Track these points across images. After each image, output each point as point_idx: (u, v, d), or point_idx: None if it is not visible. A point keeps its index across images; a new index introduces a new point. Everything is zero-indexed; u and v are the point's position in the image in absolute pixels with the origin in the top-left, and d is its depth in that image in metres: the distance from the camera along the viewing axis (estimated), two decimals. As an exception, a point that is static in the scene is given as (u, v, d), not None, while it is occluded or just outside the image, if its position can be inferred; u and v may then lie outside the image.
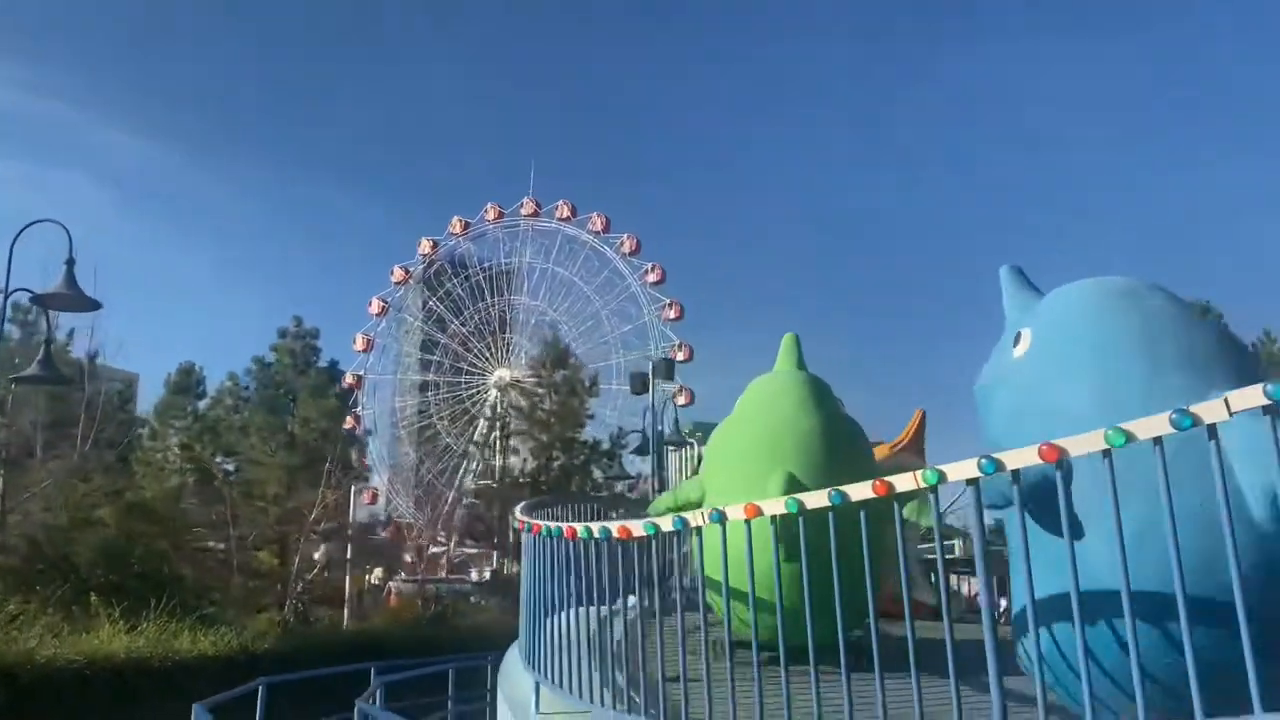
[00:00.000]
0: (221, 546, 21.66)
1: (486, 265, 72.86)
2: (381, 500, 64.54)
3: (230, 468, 22.74)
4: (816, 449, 8.89)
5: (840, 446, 9.02)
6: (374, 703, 10.85)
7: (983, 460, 4.50)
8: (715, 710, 5.80)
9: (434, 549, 63.14)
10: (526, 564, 9.31)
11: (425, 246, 72.91)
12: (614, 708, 6.81)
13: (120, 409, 23.21)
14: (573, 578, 8.42)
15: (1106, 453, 4.16)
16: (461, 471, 69.05)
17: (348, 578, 29.45)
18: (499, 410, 71.29)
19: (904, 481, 5.04)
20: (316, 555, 23.54)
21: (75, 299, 13.16)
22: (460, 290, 72.26)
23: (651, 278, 68.32)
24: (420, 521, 64.70)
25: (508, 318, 72.61)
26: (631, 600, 7.24)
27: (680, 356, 65.87)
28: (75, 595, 14.90)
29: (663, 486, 22.90)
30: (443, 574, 60.21)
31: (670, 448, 22.20)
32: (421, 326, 72.88)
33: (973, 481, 4.68)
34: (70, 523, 17.54)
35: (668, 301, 67.92)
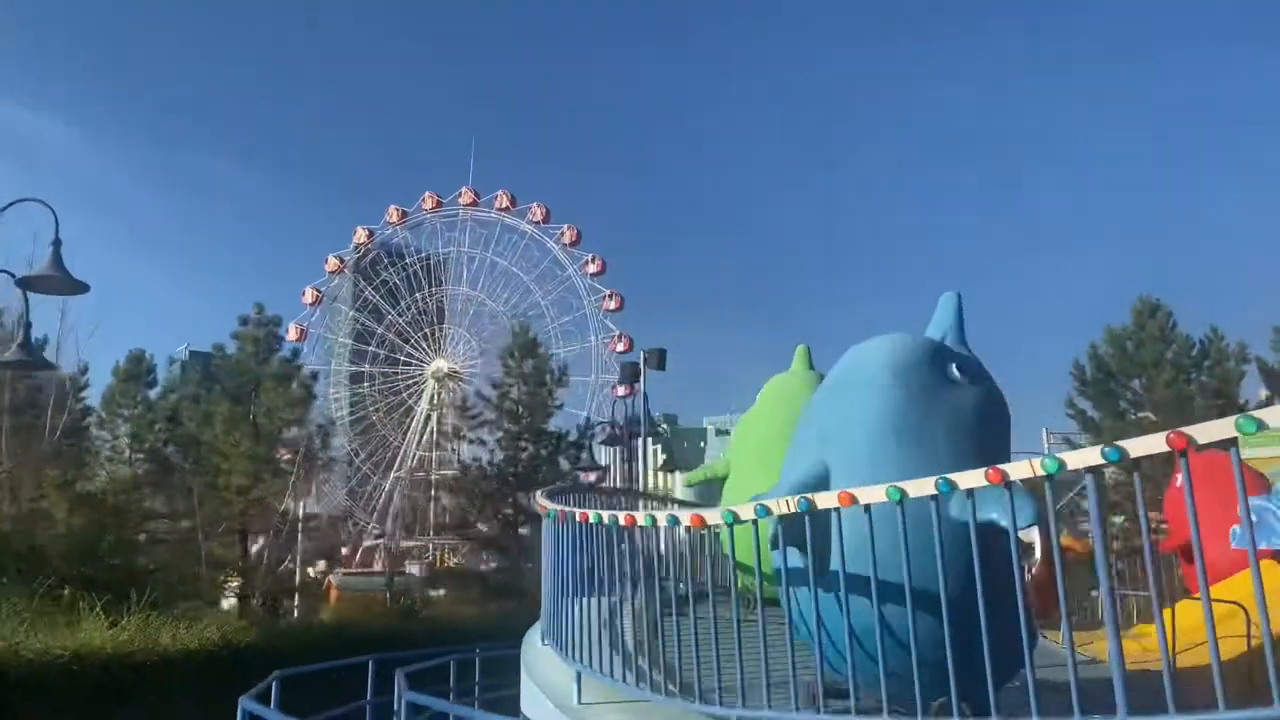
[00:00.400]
0: (176, 539, 21.10)
1: (424, 255, 71.90)
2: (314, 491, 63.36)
3: (189, 457, 22.10)
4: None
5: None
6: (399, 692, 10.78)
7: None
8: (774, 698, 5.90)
9: (369, 541, 62.35)
10: (558, 552, 9.29)
11: (361, 235, 71.64)
12: (668, 695, 6.76)
13: (73, 396, 22.44)
14: (622, 565, 8.45)
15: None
16: (398, 463, 68.26)
17: (297, 571, 28.92)
18: (436, 401, 70.53)
19: (1020, 470, 5.15)
20: (258, 547, 23.08)
21: (63, 281, 12.69)
22: (397, 280, 71.20)
23: (592, 269, 68.06)
24: (357, 512, 63.88)
25: (445, 308, 71.79)
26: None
27: (620, 348, 65.90)
28: (46, 588, 14.34)
29: (631, 478, 22.94)
30: (378, 566, 59.55)
31: (635, 438, 22.31)
32: (356, 316, 71.62)
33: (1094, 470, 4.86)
34: (33, 513, 16.94)
35: (608, 292, 67.72)
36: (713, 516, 6.45)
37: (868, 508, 5.41)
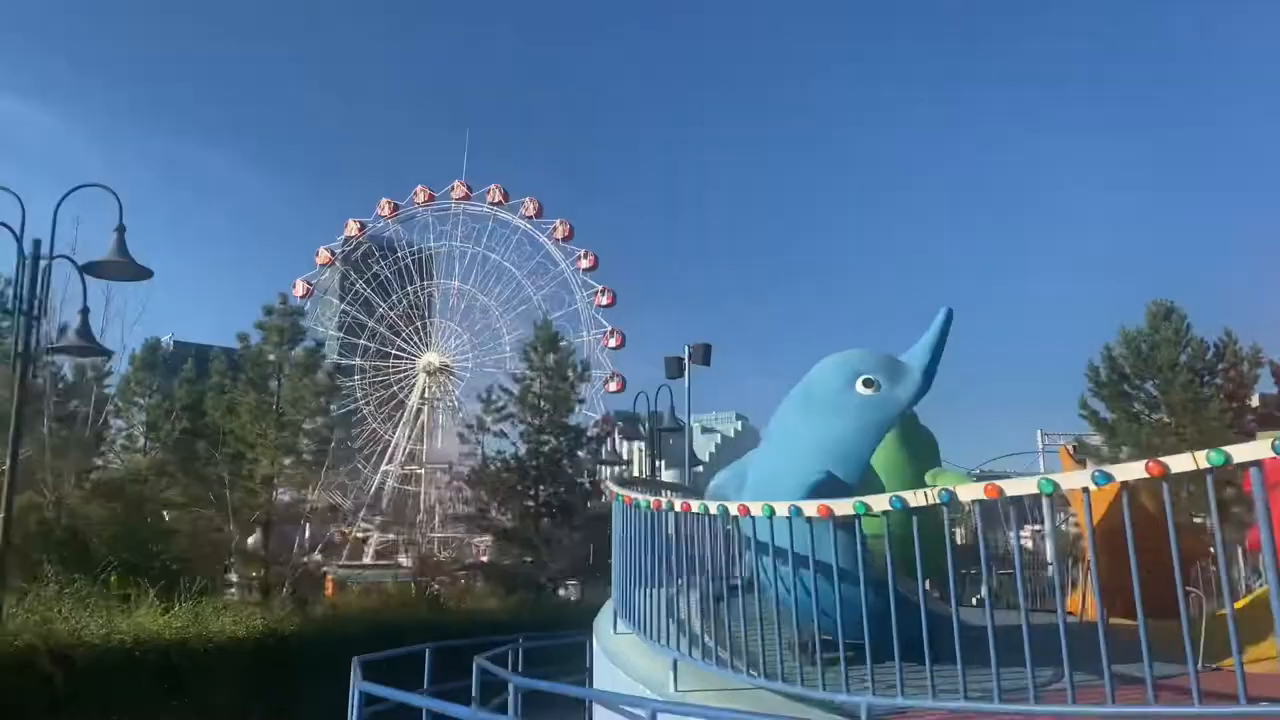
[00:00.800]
0: (198, 529, 21.04)
1: (415, 249, 71.67)
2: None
3: (216, 446, 22.02)
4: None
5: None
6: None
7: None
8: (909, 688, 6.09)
9: (356, 534, 62.12)
10: (652, 541, 9.38)
11: (352, 228, 71.33)
12: (785, 682, 6.86)
13: (96, 384, 22.31)
14: (722, 554, 8.58)
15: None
16: (388, 456, 68.07)
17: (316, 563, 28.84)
18: (427, 394, 70.38)
19: (1131, 471, 5.53)
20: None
21: (127, 267, 12.72)
22: (388, 273, 70.93)
23: (584, 263, 68.03)
24: (348, 505, 63.59)
25: (436, 302, 71.60)
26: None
27: (612, 343, 66.00)
28: (92, 576, 14.33)
29: (655, 473, 23.02)
30: (366, 559, 59.35)
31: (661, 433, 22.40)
32: (346, 309, 71.29)
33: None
34: (75, 501, 16.87)
35: (600, 288, 67.70)
36: (843, 508, 6.58)
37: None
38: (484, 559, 28.84)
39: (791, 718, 6.40)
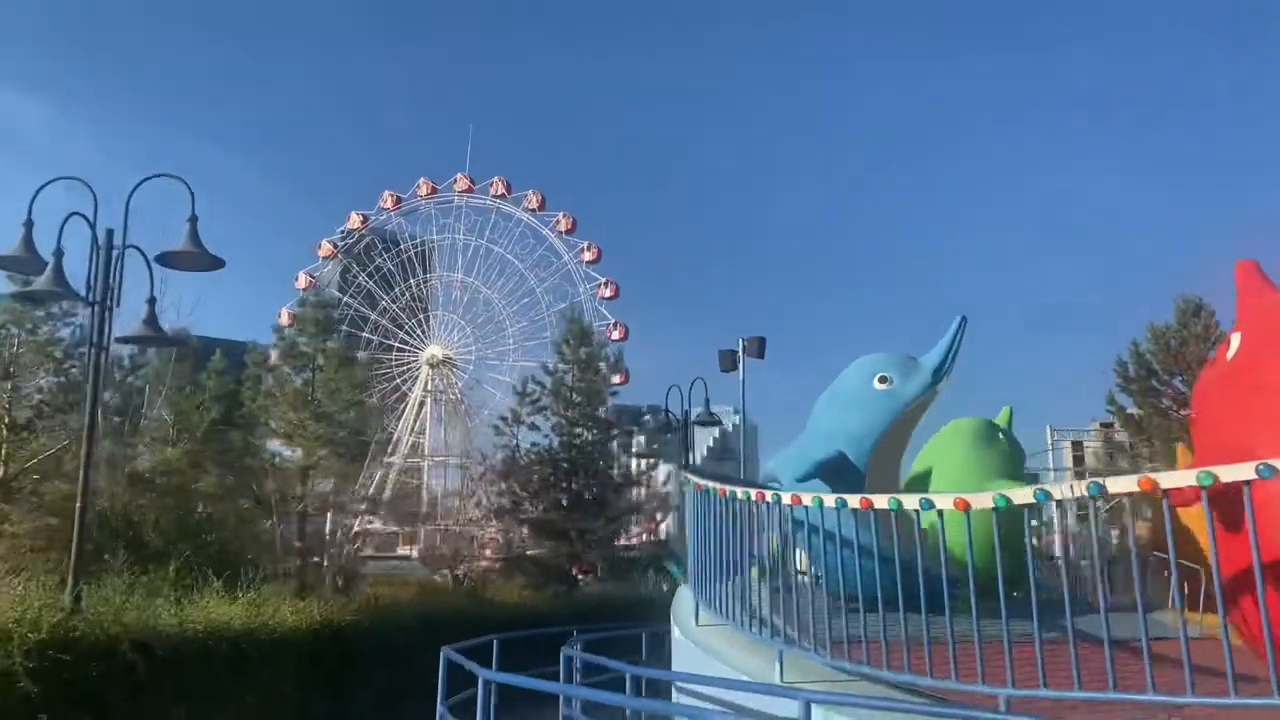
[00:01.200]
0: (236, 520, 21.05)
1: (418, 241, 71.55)
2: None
3: (253, 437, 22.04)
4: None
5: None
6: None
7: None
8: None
9: (356, 527, 62.03)
10: (735, 532, 9.50)
11: (355, 220, 71.15)
12: (910, 673, 6.89)
13: (131, 374, 22.28)
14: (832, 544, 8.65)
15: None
16: (391, 448, 67.92)
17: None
18: (430, 387, 70.31)
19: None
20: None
21: (200, 258, 12.73)
22: (390, 266, 70.81)
23: (587, 256, 68.09)
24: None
25: (439, 295, 71.57)
26: None
27: (616, 335, 65.99)
28: (148, 565, 14.33)
29: (688, 465, 23.06)
30: (368, 551, 59.28)
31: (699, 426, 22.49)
32: (349, 302, 71.08)
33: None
34: (127, 491, 16.86)
35: (603, 280, 67.78)
36: (981, 500, 6.62)
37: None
38: (489, 551, 28.81)
39: (949, 707, 6.43)
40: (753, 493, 9.26)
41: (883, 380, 10.63)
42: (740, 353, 18.30)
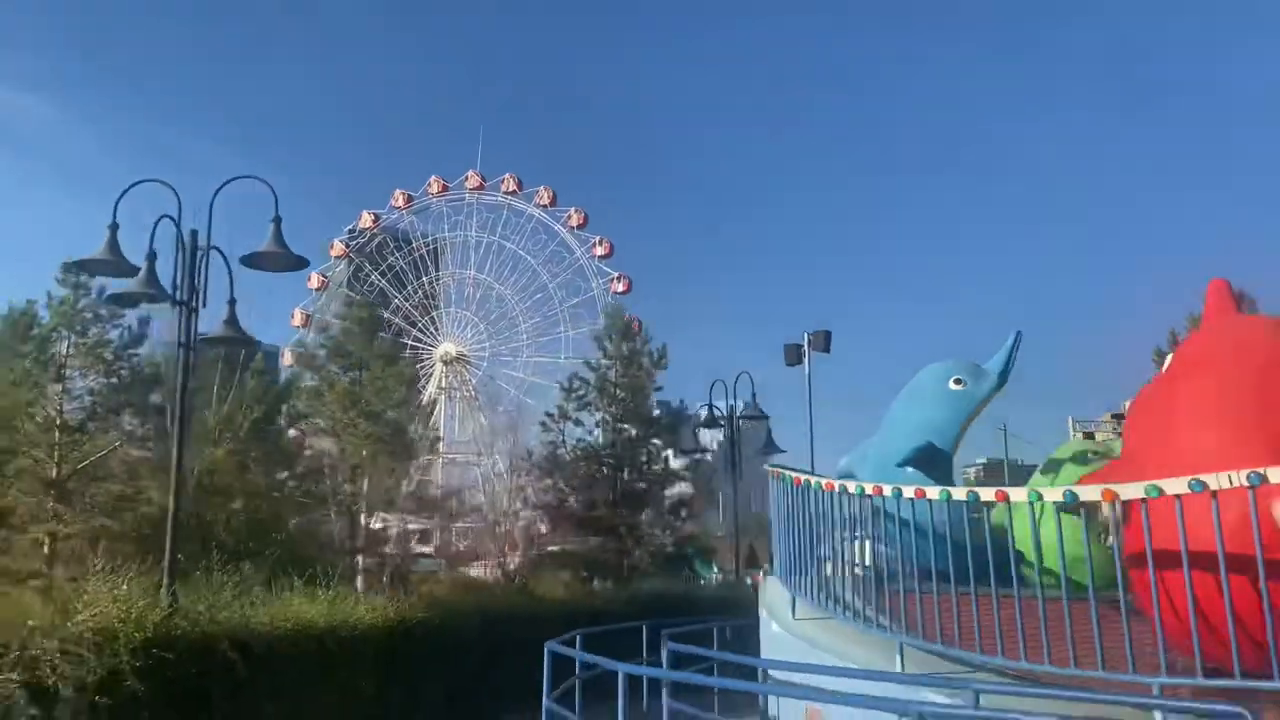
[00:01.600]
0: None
1: (429, 239, 71.52)
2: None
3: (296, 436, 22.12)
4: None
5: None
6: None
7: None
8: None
9: (375, 524, 62.07)
10: (826, 525, 9.65)
11: (366, 219, 71.12)
12: (1051, 663, 6.94)
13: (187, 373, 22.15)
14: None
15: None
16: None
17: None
18: (444, 384, 70.25)
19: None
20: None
21: (285, 258, 12.82)
22: (403, 264, 70.77)
23: (599, 251, 67.99)
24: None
25: (452, 292, 71.56)
26: None
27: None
28: (221, 564, 14.40)
29: (736, 461, 23.10)
30: (388, 548, 59.30)
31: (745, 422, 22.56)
32: (361, 300, 70.98)
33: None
34: (199, 490, 16.96)
35: (615, 275, 67.68)
36: (1131, 491, 6.69)
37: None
38: (533, 547, 28.83)
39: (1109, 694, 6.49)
40: (849, 486, 9.45)
41: (958, 382, 12.14)
42: (805, 346, 18.24)
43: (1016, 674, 7.25)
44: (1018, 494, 7.56)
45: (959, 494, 8.06)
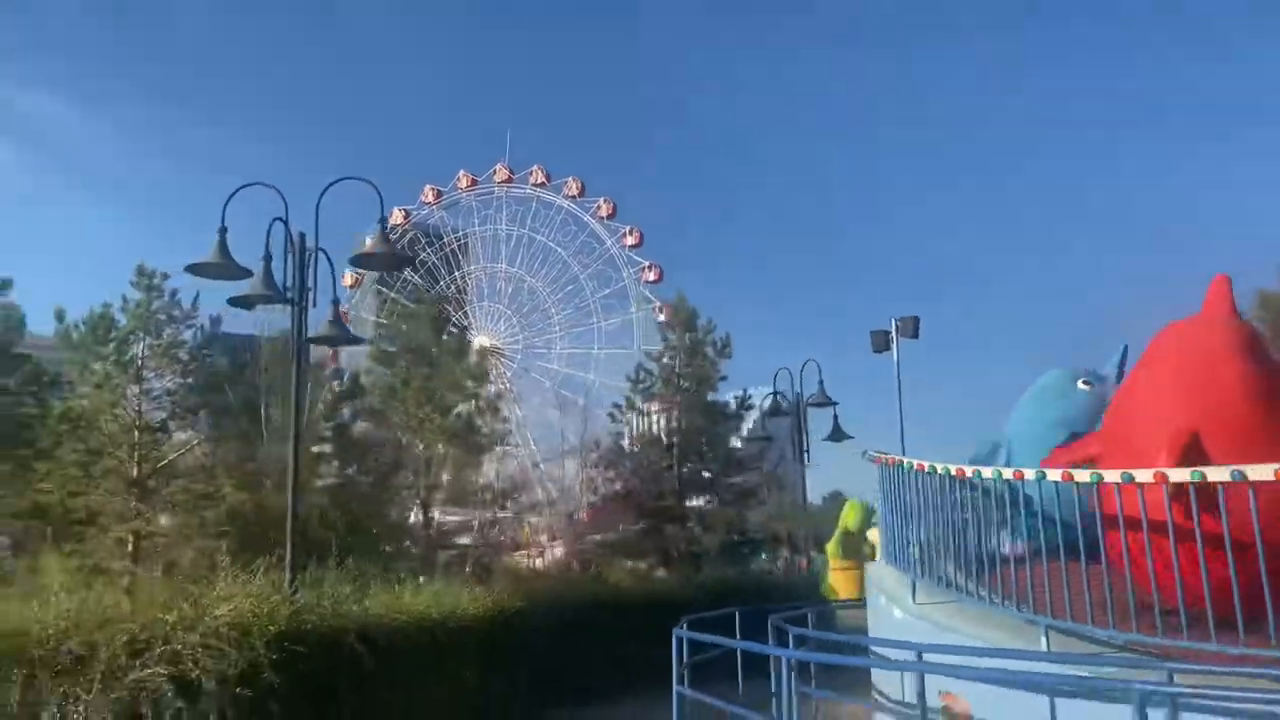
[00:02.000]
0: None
1: (460, 234, 71.81)
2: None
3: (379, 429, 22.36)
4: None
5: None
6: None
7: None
8: None
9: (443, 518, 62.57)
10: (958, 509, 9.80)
11: (397, 217, 71.38)
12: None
13: (240, 373, 22.58)
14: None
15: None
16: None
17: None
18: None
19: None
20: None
21: (391, 258, 13.05)
22: (435, 259, 71.07)
23: (629, 240, 68.12)
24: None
25: (484, 285, 71.84)
26: None
27: (662, 318, 66.01)
28: (326, 560, 14.62)
29: (802, 449, 23.17)
30: (463, 539, 59.73)
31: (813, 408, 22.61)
32: (395, 297, 71.47)
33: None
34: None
35: (646, 264, 67.79)
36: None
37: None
38: (598, 536, 29.07)
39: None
40: (953, 469, 9.60)
41: (1086, 383, 12.95)
42: (894, 332, 18.20)
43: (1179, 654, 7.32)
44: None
45: (1113, 476, 7.92)
